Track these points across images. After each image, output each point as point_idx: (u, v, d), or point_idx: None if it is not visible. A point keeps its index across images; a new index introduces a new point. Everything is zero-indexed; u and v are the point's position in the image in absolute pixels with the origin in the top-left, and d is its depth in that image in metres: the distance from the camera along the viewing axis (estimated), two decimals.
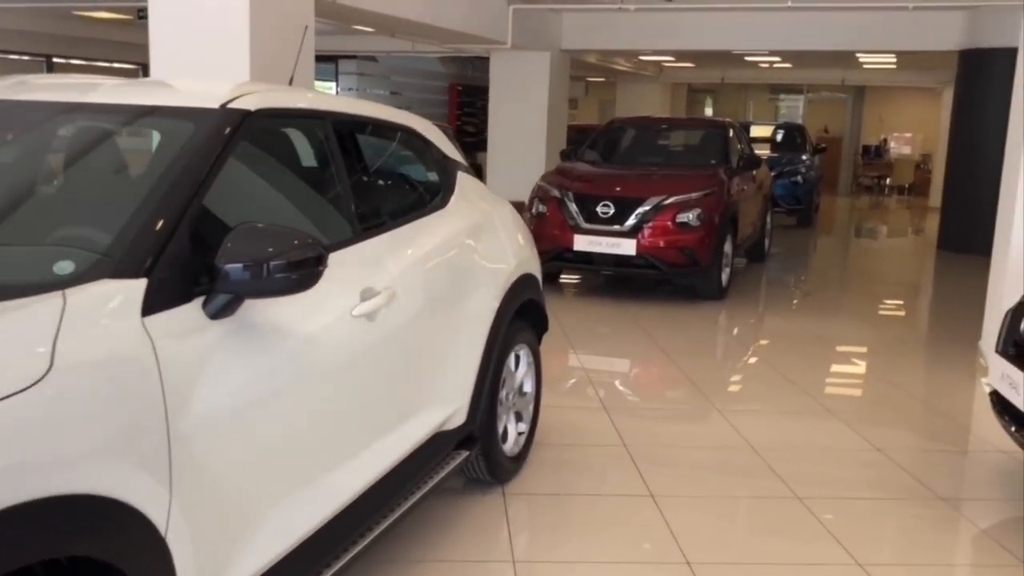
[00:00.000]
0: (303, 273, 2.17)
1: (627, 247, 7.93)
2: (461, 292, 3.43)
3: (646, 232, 7.90)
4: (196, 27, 6.25)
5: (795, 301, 9.10)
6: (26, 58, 14.70)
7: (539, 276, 4.21)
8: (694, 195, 8.04)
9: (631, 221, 7.93)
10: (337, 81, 16.45)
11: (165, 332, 2.00)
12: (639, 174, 8.76)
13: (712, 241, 8.01)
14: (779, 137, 16.10)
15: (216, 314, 2.14)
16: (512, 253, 3.91)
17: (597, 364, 6.40)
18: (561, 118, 14.52)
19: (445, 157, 3.72)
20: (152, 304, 2.00)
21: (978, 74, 11.86)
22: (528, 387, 4.14)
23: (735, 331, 7.64)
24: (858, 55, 15.87)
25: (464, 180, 3.79)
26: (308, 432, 2.48)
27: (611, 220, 7.99)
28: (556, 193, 8.32)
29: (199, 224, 2.22)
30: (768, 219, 10.86)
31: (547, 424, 4.55)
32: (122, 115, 2.60)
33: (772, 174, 11.89)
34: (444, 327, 3.29)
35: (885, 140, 24.06)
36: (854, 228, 16.80)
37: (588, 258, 8.13)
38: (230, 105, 2.52)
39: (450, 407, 3.38)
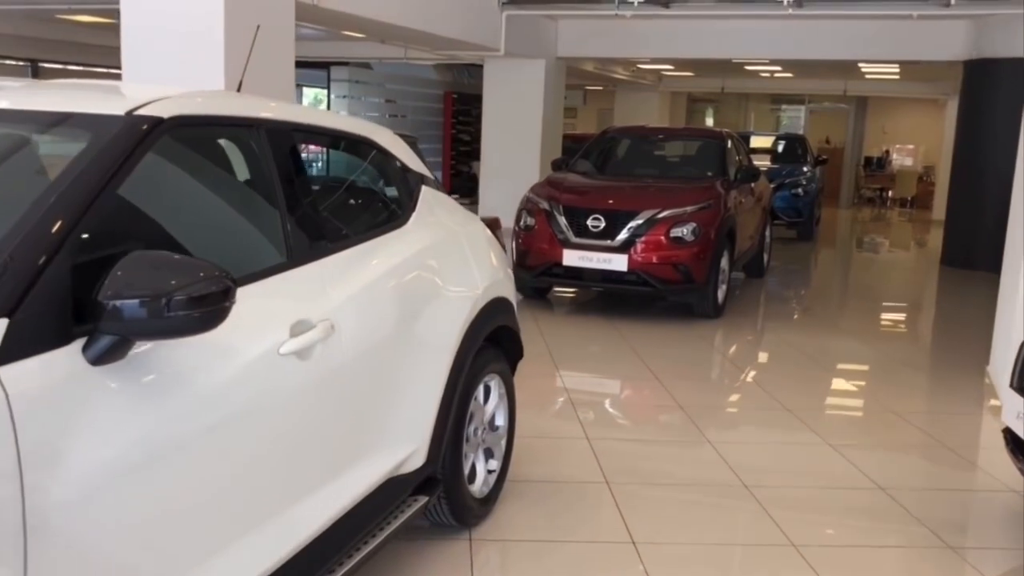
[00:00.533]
0: (207, 311, 1.84)
1: (618, 263, 7.60)
2: (420, 319, 3.09)
3: (638, 247, 7.57)
4: (169, 31, 5.97)
5: (795, 319, 8.75)
6: (13, 63, 14.44)
7: (513, 300, 3.88)
8: (689, 209, 7.72)
9: (623, 235, 7.60)
10: (329, 88, 16.13)
11: (28, 384, 1.67)
12: (632, 186, 8.44)
13: (708, 257, 7.68)
14: (779, 148, 15.79)
15: (99, 359, 1.81)
16: (481, 275, 3.58)
17: (581, 387, 6.06)
18: (557, 127, 14.22)
19: (406, 169, 3.38)
20: (13, 349, 1.67)
21: (984, 85, 11.55)
22: (500, 421, 3.80)
23: (730, 352, 7.30)
24: (860, 65, 15.57)
25: (428, 195, 3.46)
26: (221, 492, 2.14)
27: (602, 234, 7.66)
28: (545, 205, 7.99)
29: (88, 252, 1.89)
30: (767, 233, 10.53)
31: (523, 457, 4.21)
32: (15, 121, 2.26)
33: (772, 186, 11.57)
34: (398, 359, 2.96)
35: (887, 152, 23.78)
36: (856, 241, 16.48)
37: (578, 273, 7.80)
38: (139, 112, 2.18)
39: (407, 448, 3.04)
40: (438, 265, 3.29)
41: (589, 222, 7.70)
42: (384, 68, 17.86)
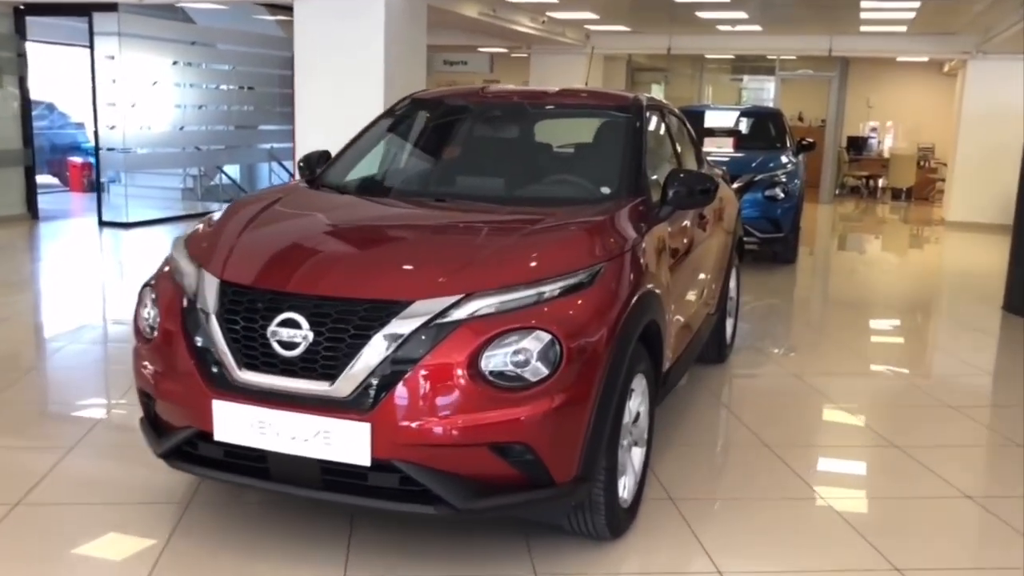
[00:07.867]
0: None
1: (351, 442, 2.86)
2: None
3: (402, 401, 2.84)
4: None
5: (809, 536, 3.99)
6: None
7: None
8: (547, 289, 3.00)
9: (358, 367, 2.85)
10: (92, 47, 11.00)
11: None
12: (416, 227, 3.70)
13: (584, 418, 2.97)
14: (747, 128, 11.14)
15: None
16: None
17: None
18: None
19: None
20: None
21: None
22: None
23: None
24: (862, 8, 10.93)
25: None
26: None
27: (309, 361, 2.92)
28: (191, 281, 3.23)
29: None
30: (734, 283, 5.90)
31: None
32: None
33: (736, 185, 6.90)
34: None
35: (874, 130, 19.44)
36: (863, 264, 11.44)
37: (256, 463, 3.04)
38: None
39: None
40: None
41: (277, 328, 2.95)
42: (208, 19, 13.02)
